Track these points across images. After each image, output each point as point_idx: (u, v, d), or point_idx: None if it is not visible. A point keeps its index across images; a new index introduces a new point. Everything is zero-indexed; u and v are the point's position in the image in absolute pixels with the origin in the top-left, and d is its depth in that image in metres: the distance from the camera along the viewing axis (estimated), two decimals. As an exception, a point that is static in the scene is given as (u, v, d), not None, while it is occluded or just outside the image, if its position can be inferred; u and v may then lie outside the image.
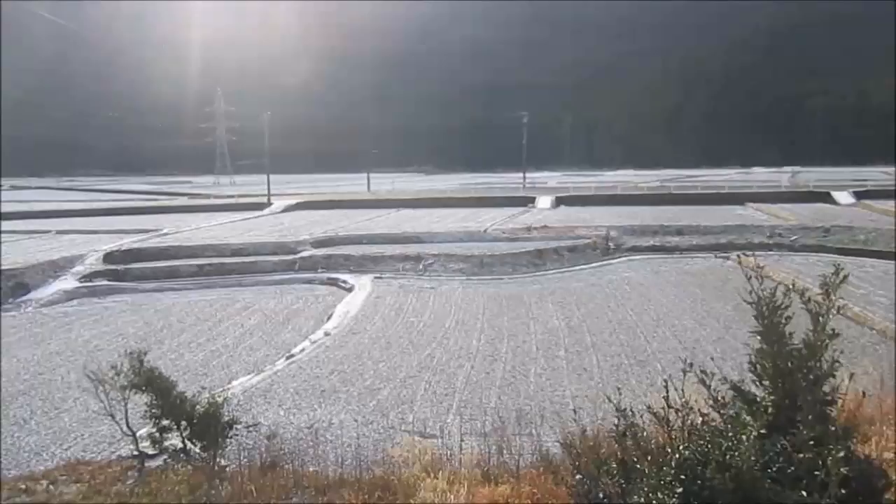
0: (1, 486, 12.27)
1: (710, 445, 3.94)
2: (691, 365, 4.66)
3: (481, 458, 11.59)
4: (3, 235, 50.66)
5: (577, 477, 4.63)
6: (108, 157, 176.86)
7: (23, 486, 12.30)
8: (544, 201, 66.74)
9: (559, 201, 67.14)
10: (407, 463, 11.83)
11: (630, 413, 4.75)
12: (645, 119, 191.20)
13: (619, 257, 39.95)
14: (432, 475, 10.44)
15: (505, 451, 12.49)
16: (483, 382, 18.68)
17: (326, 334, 24.65)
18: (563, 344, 22.36)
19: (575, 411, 11.28)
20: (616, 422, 4.81)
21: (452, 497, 9.35)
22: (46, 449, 15.48)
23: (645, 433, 4.70)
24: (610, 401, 4.95)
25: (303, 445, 13.88)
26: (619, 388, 8.63)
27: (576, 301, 28.90)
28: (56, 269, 37.09)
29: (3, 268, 35.19)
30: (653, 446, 4.57)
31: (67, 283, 35.63)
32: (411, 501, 9.34)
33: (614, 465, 4.54)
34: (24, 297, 33.01)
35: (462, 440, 13.22)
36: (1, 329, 27.12)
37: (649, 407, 4.65)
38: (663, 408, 4.55)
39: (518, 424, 15.04)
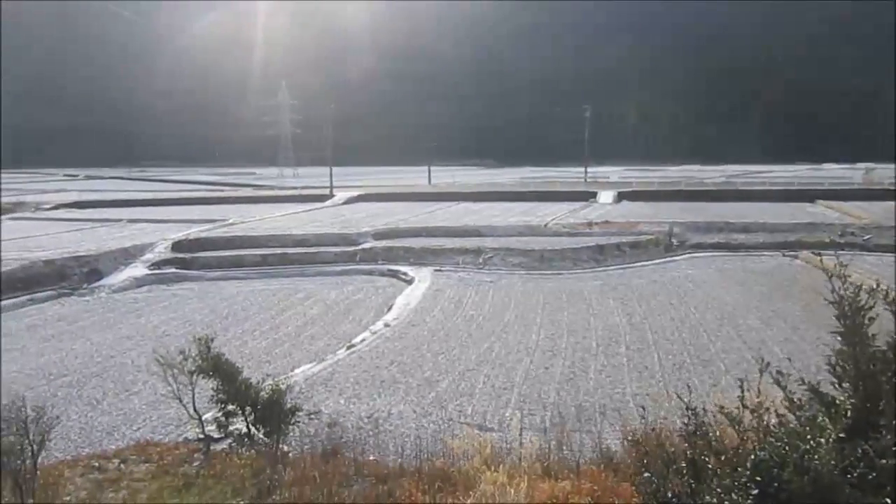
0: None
1: (787, 447, 3.83)
2: (768, 364, 4.52)
3: (541, 453, 11.55)
4: (78, 223, 52.66)
5: (645, 475, 4.55)
6: (176, 149, 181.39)
7: (96, 464, 12.80)
8: (606, 196, 65.90)
9: (621, 196, 66.19)
10: (466, 455, 11.87)
11: (702, 412, 4.66)
12: (711, 113, 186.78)
13: (683, 254, 39.19)
14: (492, 468, 10.45)
15: (565, 447, 12.43)
16: (542, 377, 18.59)
17: (386, 325, 24.86)
18: (623, 341, 22.09)
19: (643, 409, 11.08)
20: (685, 420, 4.71)
21: (512, 491, 9.34)
22: (117, 429, 16.05)
23: (717, 433, 4.60)
24: (680, 399, 4.85)
25: (363, 434, 14.05)
26: (688, 387, 8.47)
27: (637, 298, 28.49)
28: (127, 256, 38.31)
29: (79, 254, 36.53)
30: (724, 446, 4.46)
31: (138, 270, 36.78)
32: (472, 494, 9.35)
33: (683, 465, 4.45)
34: (98, 283, 34.20)
35: (521, 434, 13.18)
36: (68, 315, 28.24)
37: (722, 406, 4.54)
38: (737, 407, 4.44)
39: (578, 420, 14.95)
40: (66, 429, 14.96)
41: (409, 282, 33.32)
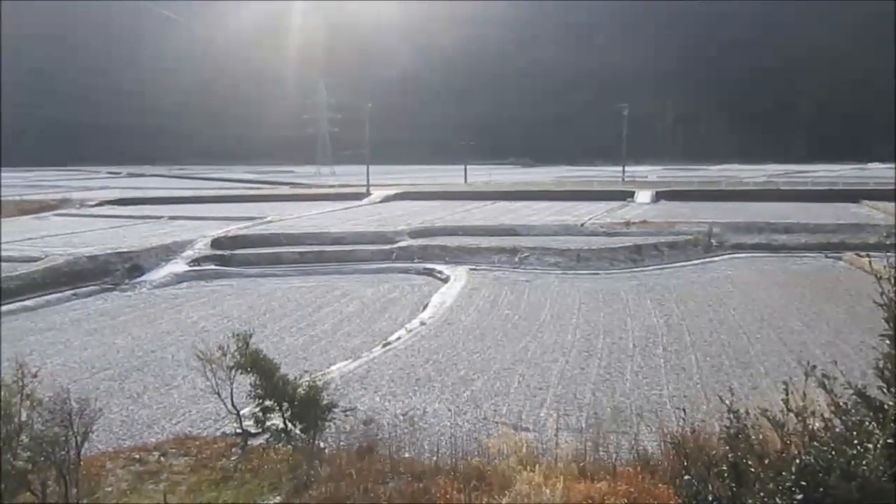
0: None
1: (833, 452, 3.74)
2: (814, 367, 4.43)
3: (577, 454, 11.47)
4: (121, 220, 53.71)
5: (685, 478, 4.49)
6: (216, 147, 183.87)
7: (136, 457, 13.05)
8: (644, 195, 65.19)
9: (659, 196, 65.43)
10: (501, 454, 11.84)
11: (744, 414, 4.57)
12: (753, 112, 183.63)
13: (722, 255, 38.62)
14: (528, 468, 10.41)
15: (601, 448, 12.34)
16: (578, 378, 18.48)
17: (422, 324, 24.91)
18: (661, 342, 21.85)
19: (683, 411, 10.95)
20: (727, 423, 4.64)
21: (548, 491, 9.29)
22: (157, 422, 16.32)
23: (761, 436, 4.52)
24: (721, 401, 4.77)
25: (398, 432, 14.09)
26: (730, 389, 8.33)
27: (675, 298, 28.15)
28: (168, 253, 38.94)
29: (121, 250, 37.25)
30: (767, 450, 4.38)
31: (178, 266, 37.37)
32: (507, 493, 9.33)
33: (725, 468, 4.38)
34: (140, 279, 34.83)
35: (557, 435, 13.11)
36: (116, 308, 28.78)
37: (765, 409, 4.46)
38: (781, 411, 4.35)
39: (614, 422, 14.82)
40: (108, 421, 15.23)
41: (445, 280, 33.35)
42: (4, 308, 28.59)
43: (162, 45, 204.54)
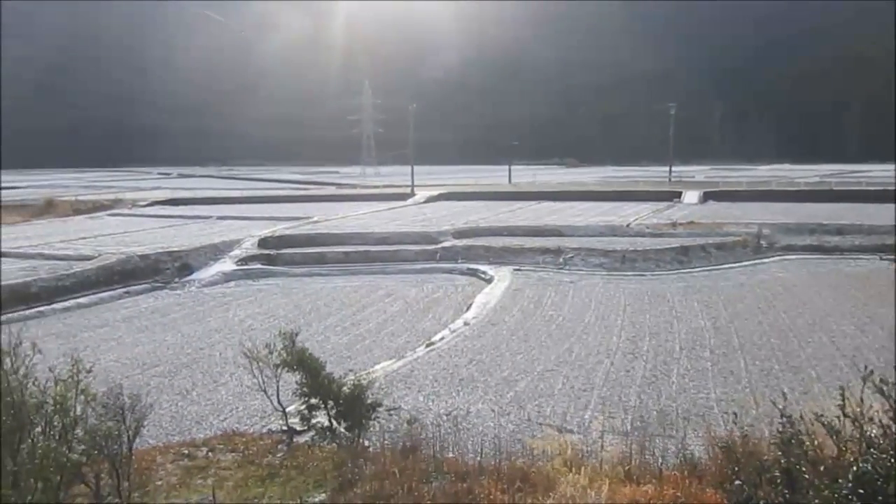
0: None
1: (892, 460, 3.63)
2: (871, 373, 4.31)
3: (623, 457, 11.34)
4: (171, 220, 54.85)
5: (736, 482, 4.40)
6: (261, 148, 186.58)
7: (185, 452, 13.28)
8: (691, 196, 64.19)
9: (707, 196, 64.36)
10: (546, 455, 11.77)
11: (799, 420, 4.47)
12: (804, 110, 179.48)
13: (772, 256, 37.81)
14: (573, 470, 10.33)
15: (647, 452, 12.18)
16: (623, 380, 18.27)
17: (466, 324, 24.91)
18: (708, 345, 21.49)
19: (734, 414, 10.74)
20: (780, 428, 4.53)
21: (593, 494, 9.21)
22: (205, 419, 16.62)
23: (815, 442, 4.40)
24: (774, 405, 4.67)
25: (442, 431, 14.09)
26: (783, 394, 8.15)
27: (723, 301, 27.67)
28: (216, 252, 39.61)
29: (171, 249, 38.04)
30: (821, 456, 4.27)
31: (226, 265, 38.01)
32: (551, 495, 9.27)
33: (777, 473, 4.28)
34: (189, 278, 35.52)
35: (602, 437, 12.99)
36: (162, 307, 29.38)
37: (819, 415, 4.35)
38: (836, 416, 4.24)
39: (660, 425, 14.63)
40: (158, 416, 15.54)
41: (489, 281, 33.29)
42: (60, 305, 29.51)
43: (210, 48, 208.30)
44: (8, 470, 8.65)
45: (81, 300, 30.50)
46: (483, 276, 34.74)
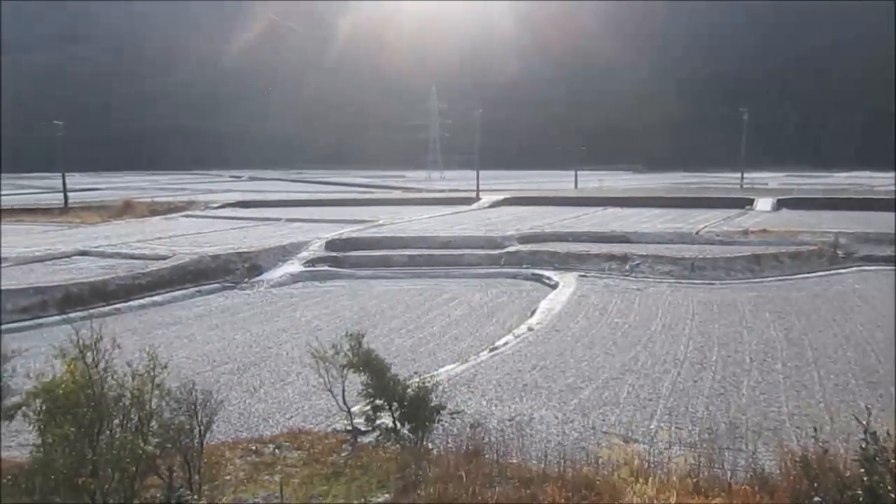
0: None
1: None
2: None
3: (691, 469, 11.09)
4: (242, 221, 56.25)
5: (815, 499, 4.26)
6: (330, 152, 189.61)
7: (253, 448, 13.58)
8: (764, 203, 62.38)
9: (781, 203, 62.42)
10: (611, 464, 11.60)
11: (886, 436, 4.29)
12: (884, 115, 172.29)
13: (850, 267, 36.39)
14: (640, 480, 10.15)
15: (715, 464, 11.90)
16: (690, 391, 17.88)
17: (530, 329, 24.77)
18: (780, 357, 20.83)
19: (815, 430, 10.39)
20: (863, 445, 4.36)
21: (660, 505, 9.04)
22: (272, 416, 16.96)
23: (901, 460, 4.23)
24: (858, 421, 4.50)
25: (505, 437, 14.05)
26: (867, 409, 7.85)
27: (796, 312, 26.79)
28: (285, 253, 40.46)
29: (241, 250, 39.00)
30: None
31: (294, 267, 38.78)
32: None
33: (860, 491, 4.12)
34: (258, 278, 36.36)
35: (670, 448, 12.73)
36: (228, 307, 30.07)
37: (906, 432, 4.17)
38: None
39: (729, 438, 14.25)
40: (227, 413, 15.92)
41: (554, 286, 33.03)
42: (136, 302, 30.60)
43: (284, 55, 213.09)
44: (88, 459, 9.03)
45: (156, 298, 31.58)
46: (548, 281, 34.50)
